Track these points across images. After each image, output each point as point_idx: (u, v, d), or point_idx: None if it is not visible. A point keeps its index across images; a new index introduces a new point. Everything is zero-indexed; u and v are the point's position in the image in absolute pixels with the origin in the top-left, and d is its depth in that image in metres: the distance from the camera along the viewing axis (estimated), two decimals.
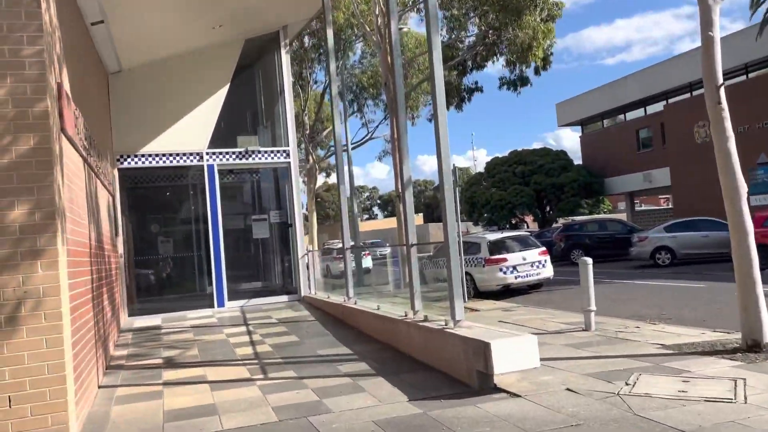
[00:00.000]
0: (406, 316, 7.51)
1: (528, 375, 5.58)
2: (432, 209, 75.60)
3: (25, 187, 4.58)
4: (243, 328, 9.83)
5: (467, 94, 19.30)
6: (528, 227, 40.47)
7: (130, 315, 11.75)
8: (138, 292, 13.60)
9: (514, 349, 5.57)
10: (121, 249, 11.41)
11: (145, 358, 7.98)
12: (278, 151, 12.67)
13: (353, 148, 27.82)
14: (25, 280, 4.53)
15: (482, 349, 5.48)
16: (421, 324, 6.82)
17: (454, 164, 6.30)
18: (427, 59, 21.15)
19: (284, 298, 12.66)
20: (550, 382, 5.35)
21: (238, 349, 8.13)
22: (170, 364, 7.56)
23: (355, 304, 9.62)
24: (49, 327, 4.56)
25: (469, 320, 6.43)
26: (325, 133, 30.14)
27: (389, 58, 16.60)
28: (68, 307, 4.88)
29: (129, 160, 11.74)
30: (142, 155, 11.81)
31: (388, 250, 41.26)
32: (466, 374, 5.79)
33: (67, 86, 5.80)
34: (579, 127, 39.91)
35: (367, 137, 28.62)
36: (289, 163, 12.72)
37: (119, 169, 11.71)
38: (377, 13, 16.41)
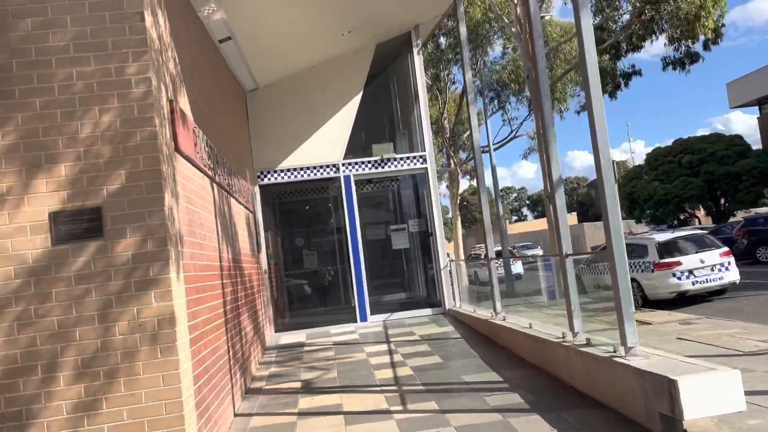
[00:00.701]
0: (563, 338, 6.45)
1: (730, 421, 4.34)
2: (586, 207, 71.35)
3: (136, 213, 4.30)
4: (384, 347, 9.28)
5: (623, 80, 17.37)
6: (699, 222, 36.41)
7: (276, 331, 11.76)
8: (284, 307, 13.69)
9: (710, 387, 4.34)
10: (264, 265, 11.45)
11: (284, 381, 7.68)
12: (414, 157, 12.07)
13: (496, 149, 26.66)
14: (139, 312, 4.24)
15: (666, 387, 4.34)
16: (582, 349, 5.76)
17: (613, 160, 5.41)
18: (573, 48, 19.40)
19: (427, 311, 11.99)
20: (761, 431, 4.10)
21: (377, 372, 7.55)
22: (308, 388, 7.16)
23: (504, 320, 8.66)
24: (164, 362, 4.23)
25: (640, 334, 5.26)
26: (466, 134, 29.22)
27: (531, 48, 15.42)
28: (186, 339, 4.54)
29: (269, 176, 11.78)
30: (281, 170, 11.80)
31: (539, 252, 39.38)
32: (644, 415, 4.67)
33: (185, 105, 5.57)
34: (756, 108, 35.19)
35: (510, 136, 27.29)
36: (426, 168, 12.06)
37: (260, 186, 11.79)
38: (516, 1, 15.29)
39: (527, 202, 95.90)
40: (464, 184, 40.99)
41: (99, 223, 4.25)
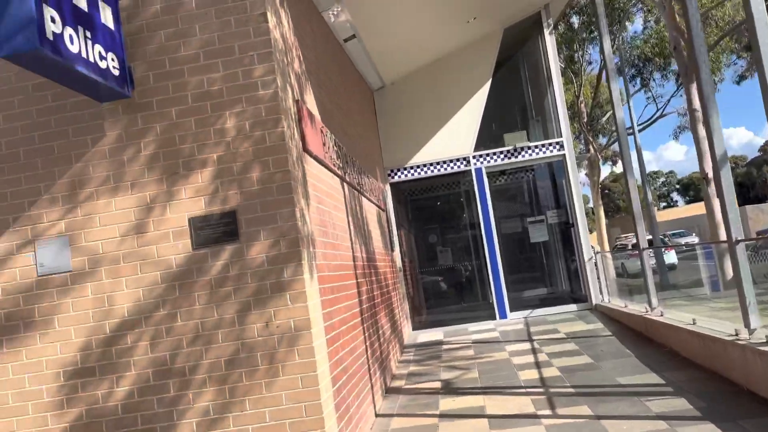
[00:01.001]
0: (737, 335, 5.65)
1: None
2: (747, 189, 64.57)
3: (268, 215, 4.29)
4: (527, 345, 8.80)
5: None
6: None
7: (414, 329, 11.65)
8: (420, 304, 13.56)
9: None
10: (399, 262, 11.38)
11: (424, 380, 7.50)
12: (550, 145, 11.40)
13: (641, 130, 24.74)
14: (275, 314, 4.22)
15: None
16: (762, 348, 4.97)
17: None
18: (726, 12, 17.38)
19: (572, 307, 11.27)
20: None
21: (521, 373, 7.13)
22: (448, 389, 6.91)
23: (661, 315, 7.84)
24: (302, 365, 4.18)
25: None
26: (605, 117, 27.52)
27: (679, 15, 14.01)
28: (323, 340, 4.47)
29: (399, 173, 11.70)
30: (411, 167, 11.67)
31: (694, 240, 36.16)
32: None
33: (312, 105, 5.54)
34: None
35: (656, 115, 25.21)
36: (563, 155, 11.34)
37: (391, 184, 11.75)
38: None
39: (677, 186, 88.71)
40: (605, 170, 38.70)
41: (234, 226, 4.29)
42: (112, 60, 4.11)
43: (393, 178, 11.73)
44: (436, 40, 10.95)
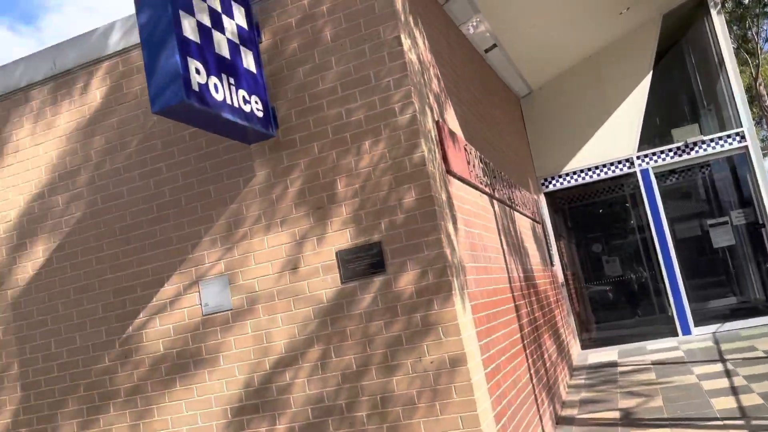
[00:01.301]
0: None
1: None
2: None
3: (413, 245, 4.11)
4: (718, 366, 7.74)
5: None
6: None
7: (583, 348, 10.86)
8: (588, 321, 12.66)
9: None
10: (560, 277, 10.70)
11: (599, 408, 6.85)
12: (728, 137, 10.09)
13: None
14: (428, 349, 4.02)
15: None
16: None
17: None
18: None
19: None
20: None
21: (714, 401, 6.24)
22: (628, 419, 6.23)
23: None
24: (461, 403, 3.91)
25: None
26: None
27: None
28: (482, 375, 4.17)
29: (554, 181, 11.05)
30: (566, 174, 10.97)
31: None
32: None
33: (453, 123, 5.32)
34: None
35: None
36: (746, 147, 9.97)
37: (545, 194, 11.13)
38: None
39: None
40: None
41: (380, 258, 4.17)
42: (256, 103, 4.20)
43: (547, 187, 11.11)
44: (584, 38, 10.23)
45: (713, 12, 10.39)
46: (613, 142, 10.71)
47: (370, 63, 4.30)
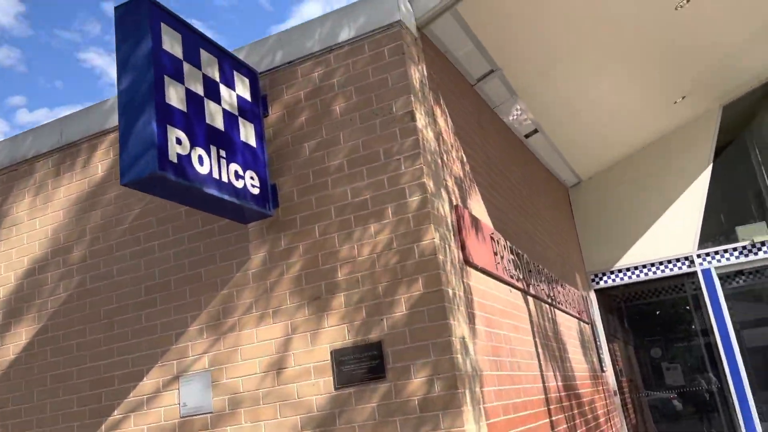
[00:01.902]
0: None
1: None
2: None
3: (419, 347, 3.50)
4: None
5: None
6: None
7: None
8: None
9: None
10: (613, 384, 9.63)
11: None
12: None
13: None
14: None
15: None
16: None
17: None
18: None
19: None
20: None
21: None
22: None
23: None
24: None
25: None
26: None
27: None
28: None
29: (606, 278, 10.20)
30: (620, 270, 10.11)
31: None
32: None
33: (479, 210, 4.79)
34: None
35: None
36: None
37: (596, 290, 10.26)
38: None
39: None
40: None
41: (380, 361, 3.56)
42: (252, 179, 3.82)
43: (598, 283, 10.25)
44: (637, 128, 9.68)
45: None
46: (670, 238, 9.87)
47: (381, 139, 3.88)
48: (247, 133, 3.90)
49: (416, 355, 3.49)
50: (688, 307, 11.86)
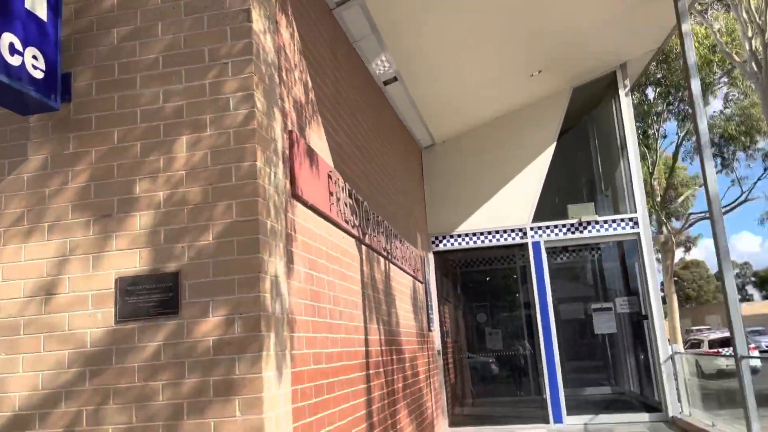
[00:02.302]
0: None
1: None
2: None
3: (223, 282, 3.03)
4: None
5: None
6: None
7: (451, 424, 9.95)
8: (462, 396, 11.86)
9: None
10: (438, 344, 9.85)
11: None
12: (622, 220, 9.82)
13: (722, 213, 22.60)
14: (216, 428, 2.89)
15: None
16: None
17: None
18: None
19: (643, 416, 9.34)
20: None
21: None
22: None
23: None
24: None
25: None
26: (681, 199, 25.49)
27: None
28: None
29: (445, 241, 10.33)
30: (459, 235, 10.29)
31: None
32: None
33: (319, 144, 4.36)
34: None
35: (739, 199, 23.04)
36: (638, 234, 9.72)
37: (435, 253, 10.38)
38: (750, 35, 12.55)
39: (752, 279, 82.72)
40: (677, 256, 36.03)
41: (175, 294, 3.04)
42: (35, 58, 3.04)
43: (437, 246, 10.37)
44: (493, 96, 9.78)
45: (622, 93, 10.30)
46: (509, 209, 10.19)
47: (207, 36, 3.28)
48: (34, 2, 3.10)
49: (218, 290, 3.02)
50: (515, 277, 12.49)
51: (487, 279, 13.25)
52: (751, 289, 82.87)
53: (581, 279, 12.75)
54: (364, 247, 5.30)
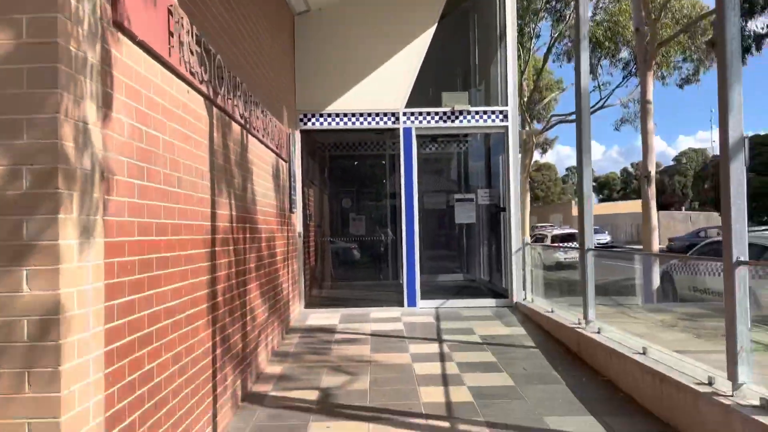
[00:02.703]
0: (711, 384, 4.23)
1: None
2: (657, 195, 66.54)
3: (7, 122, 2.32)
4: (435, 347, 7.23)
5: (754, 42, 14.16)
6: None
7: (307, 306, 9.88)
8: (321, 278, 11.82)
9: None
10: (299, 226, 9.53)
11: (297, 386, 5.75)
12: (493, 113, 9.76)
13: (575, 120, 23.81)
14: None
15: None
16: (755, 418, 3.54)
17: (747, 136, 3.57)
18: (684, 5, 16.26)
19: (491, 302, 9.83)
20: None
21: (423, 390, 5.52)
22: (326, 404, 5.20)
23: (598, 332, 6.44)
24: (35, 402, 2.29)
25: None
26: (544, 102, 26.49)
27: None
28: (89, 358, 2.58)
29: (314, 120, 9.74)
30: (329, 115, 9.73)
31: (606, 238, 36.21)
32: None
33: None
34: None
35: (598, 104, 24.30)
36: (506, 128, 9.74)
37: (302, 131, 9.78)
38: None
39: (593, 184, 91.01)
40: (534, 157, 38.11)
41: None
42: None
43: (305, 124, 9.76)
44: None
45: None
46: (383, 92, 9.73)
47: None
48: None
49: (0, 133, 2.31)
50: (383, 163, 12.32)
51: (355, 164, 12.96)
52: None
53: (447, 171, 12.86)
54: (215, 110, 4.62)
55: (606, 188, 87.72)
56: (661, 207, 53.75)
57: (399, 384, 5.72)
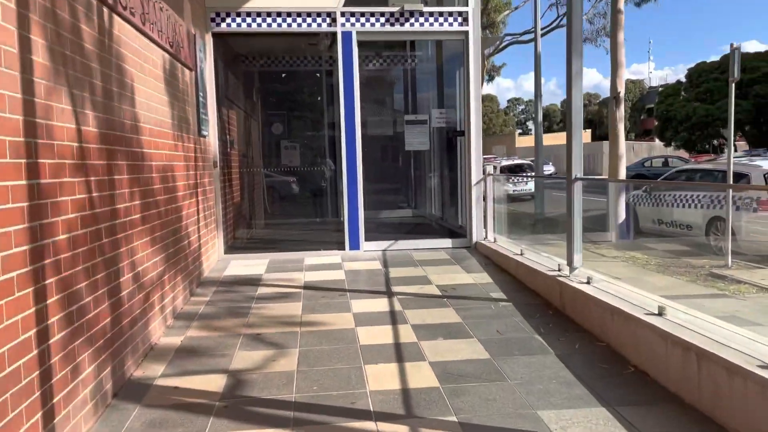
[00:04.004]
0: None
1: None
2: (595, 126, 66.68)
3: None
4: (384, 302, 5.81)
5: None
6: (736, 150, 32.86)
7: (229, 251, 8.24)
8: (244, 219, 10.14)
9: None
10: (214, 154, 7.77)
11: (198, 369, 4.22)
12: (450, 14, 8.06)
13: (530, 40, 22.28)
14: None
15: None
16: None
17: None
18: None
19: (446, 242, 8.46)
20: None
21: (370, 370, 4.10)
22: (233, 397, 3.70)
23: (588, 283, 5.11)
24: None
25: None
26: (495, 23, 24.76)
27: None
28: None
29: (229, 20, 7.80)
30: (249, 14, 7.81)
31: (551, 169, 35.75)
32: None
33: None
34: None
35: (555, 22, 22.78)
36: (466, 33, 8.09)
37: (215, 34, 7.85)
38: None
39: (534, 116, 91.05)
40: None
41: None
42: None
43: (219, 26, 7.81)
44: None
45: None
46: None
47: None
48: None
49: None
50: (320, 77, 10.52)
51: (287, 81, 11.07)
52: (530, 125, 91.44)
53: (396, 86, 11.15)
54: None
55: (546, 120, 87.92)
56: (599, 138, 53.76)
57: (338, 361, 4.27)
